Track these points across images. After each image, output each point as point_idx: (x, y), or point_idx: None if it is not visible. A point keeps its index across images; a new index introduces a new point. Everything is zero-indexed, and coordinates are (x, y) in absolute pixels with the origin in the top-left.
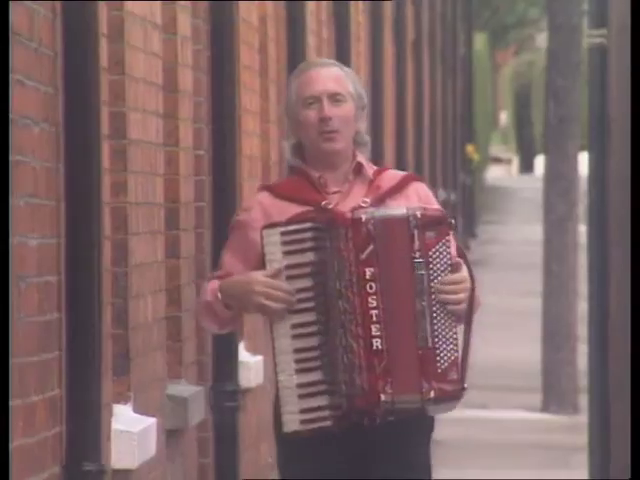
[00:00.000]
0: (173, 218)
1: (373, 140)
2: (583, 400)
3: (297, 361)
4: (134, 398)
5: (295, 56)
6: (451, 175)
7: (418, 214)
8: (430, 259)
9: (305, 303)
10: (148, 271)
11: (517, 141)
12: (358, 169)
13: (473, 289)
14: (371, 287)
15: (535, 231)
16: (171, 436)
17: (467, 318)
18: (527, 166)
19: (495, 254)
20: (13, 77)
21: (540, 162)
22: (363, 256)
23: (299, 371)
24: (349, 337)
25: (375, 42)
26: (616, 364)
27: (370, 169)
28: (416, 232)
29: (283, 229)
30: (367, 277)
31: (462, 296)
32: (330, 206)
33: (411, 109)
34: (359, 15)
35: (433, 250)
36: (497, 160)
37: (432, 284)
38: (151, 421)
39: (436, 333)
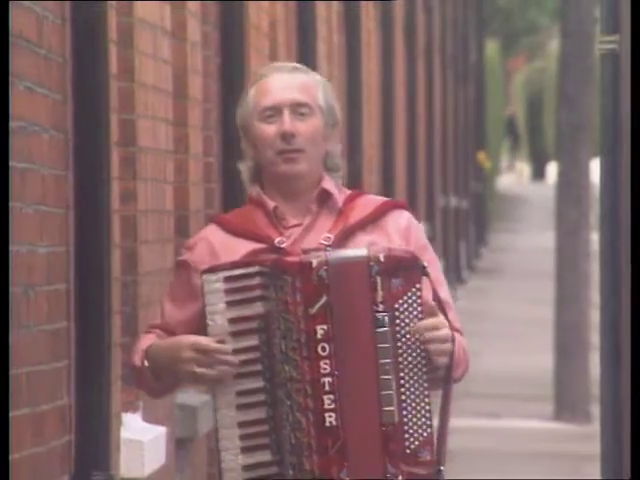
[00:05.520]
0: (183, 226)
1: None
2: (595, 409)
3: (242, 437)
4: (143, 407)
5: (305, 62)
6: (462, 183)
7: (381, 257)
8: (396, 312)
9: (251, 366)
10: (157, 279)
11: (529, 148)
12: (323, 197)
13: (453, 341)
14: (323, 349)
15: (547, 239)
16: (180, 445)
17: (446, 382)
18: (539, 173)
19: (507, 262)
20: (22, 84)
21: (552, 169)
22: (313, 310)
23: (245, 450)
24: (296, 411)
25: (386, 49)
26: (628, 373)
27: (341, 195)
28: (379, 279)
29: (227, 274)
30: (318, 336)
31: (445, 347)
32: (284, 244)
33: (422, 116)
34: (370, 21)
35: (400, 302)
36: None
37: (399, 343)
38: (160, 430)
39: (404, 405)
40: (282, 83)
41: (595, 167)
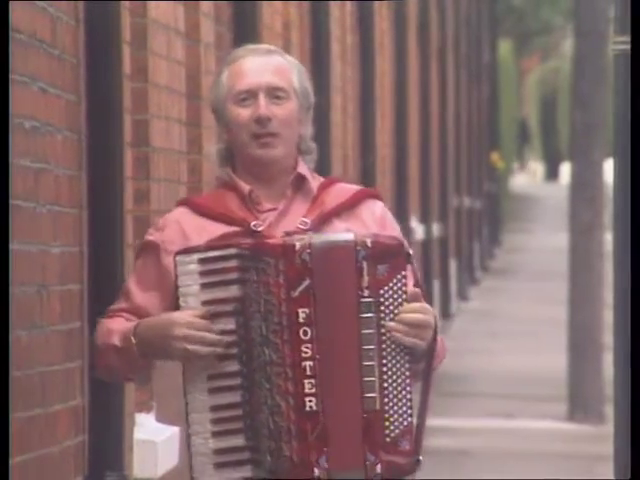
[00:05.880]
0: None
1: (397, 149)
2: (609, 409)
3: (214, 421)
4: (156, 407)
5: (319, 63)
6: (476, 183)
7: (368, 242)
8: (382, 299)
9: (226, 349)
10: None
11: (542, 148)
12: (299, 182)
13: (435, 333)
14: (305, 332)
15: (561, 239)
16: None
17: (426, 371)
18: (552, 173)
19: (520, 262)
20: (36, 84)
21: (565, 169)
22: (296, 293)
23: (216, 434)
24: (276, 394)
25: (399, 49)
26: None
27: (315, 182)
28: (365, 265)
29: (201, 256)
30: (300, 320)
31: (422, 331)
32: (261, 228)
33: (435, 116)
34: (383, 22)
35: (385, 288)
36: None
37: (383, 330)
38: (174, 430)
39: (386, 392)
40: (257, 66)
41: (609, 167)
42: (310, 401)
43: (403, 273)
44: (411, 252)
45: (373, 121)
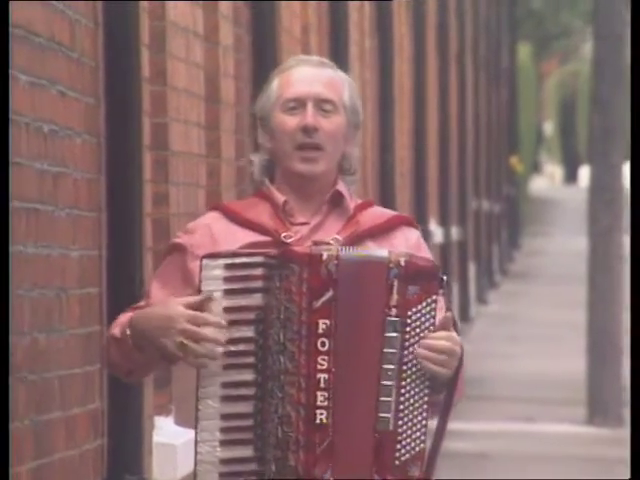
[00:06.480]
0: None
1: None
2: (628, 413)
3: (223, 430)
4: (175, 410)
5: (337, 66)
6: (495, 186)
7: (402, 261)
8: (409, 320)
9: (243, 358)
10: None
11: (561, 151)
12: (336, 199)
13: (460, 366)
14: (323, 344)
15: (580, 242)
16: None
17: (446, 402)
18: (571, 177)
19: (539, 266)
20: (55, 88)
21: (585, 173)
22: (318, 304)
23: (224, 443)
24: (287, 404)
25: (418, 53)
26: None
27: (352, 202)
28: (396, 283)
29: (228, 261)
30: (319, 331)
31: (447, 359)
32: (291, 240)
33: (454, 119)
34: (402, 25)
35: (414, 310)
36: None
37: (406, 352)
38: (193, 433)
39: (401, 415)
40: (308, 76)
41: (628, 170)
42: (321, 414)
43: (434, 297)
44: (445, 278)
45: (392, 124)
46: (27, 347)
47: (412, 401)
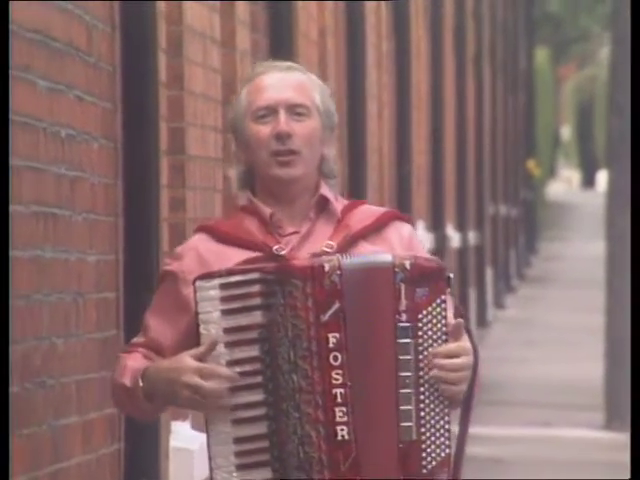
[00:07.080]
0: None
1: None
2: None
3: (238, 454)
4: (192, 415)
5: (355, 70)
6: (512, 191)
7: (407, 264)
8: (420, 324)
9: (250, 378)
10: None
11: (579, 156)
12: (321, 204)
13: (476, 365)
14: (335, 358)
15: (597, 247)
16: None
17: (466, 403)
18: (589, 181)
19: (557, 270)
20: (72, 92)
21: (602, 177)
22: (325, 318)
23: (240, 468)
24: (305, 423)
25: (435, 56)
26: None
27: (339, 204)
28: (403, 287)
29: (223, 281)
30: (330, 345)
31: (462, 374)
32: (284, 252)
33: (472, 124)
34: (419, 29)
35: (424, 312)
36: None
37: (421, 356)
38: None
39: (423, 422)
40: (277, 82)
41: None
42: (342, 430)
43: (443, 297)
44: (452, 276)
45: (409, 128)
46: (46, 352)
47: (432, 406)
